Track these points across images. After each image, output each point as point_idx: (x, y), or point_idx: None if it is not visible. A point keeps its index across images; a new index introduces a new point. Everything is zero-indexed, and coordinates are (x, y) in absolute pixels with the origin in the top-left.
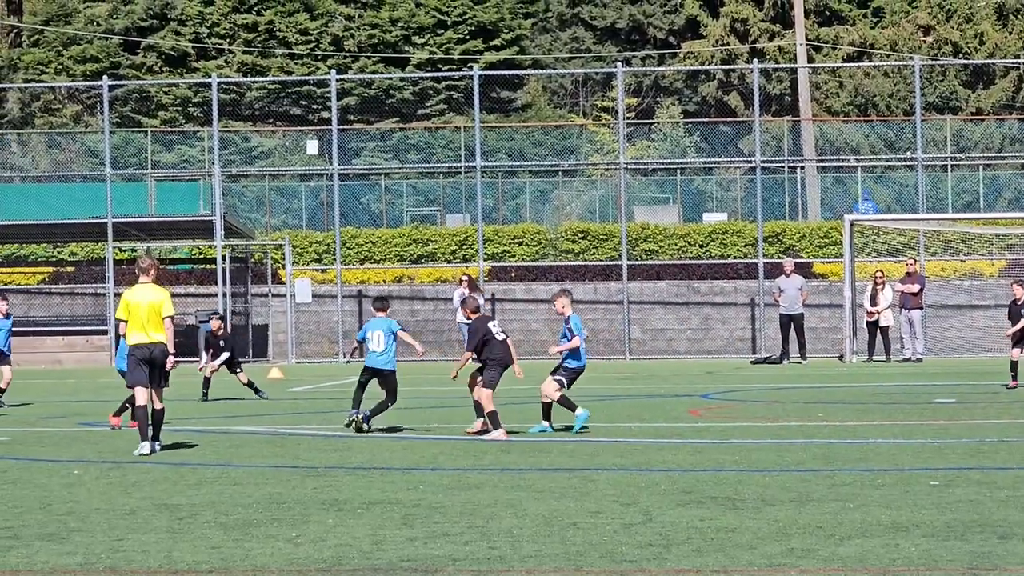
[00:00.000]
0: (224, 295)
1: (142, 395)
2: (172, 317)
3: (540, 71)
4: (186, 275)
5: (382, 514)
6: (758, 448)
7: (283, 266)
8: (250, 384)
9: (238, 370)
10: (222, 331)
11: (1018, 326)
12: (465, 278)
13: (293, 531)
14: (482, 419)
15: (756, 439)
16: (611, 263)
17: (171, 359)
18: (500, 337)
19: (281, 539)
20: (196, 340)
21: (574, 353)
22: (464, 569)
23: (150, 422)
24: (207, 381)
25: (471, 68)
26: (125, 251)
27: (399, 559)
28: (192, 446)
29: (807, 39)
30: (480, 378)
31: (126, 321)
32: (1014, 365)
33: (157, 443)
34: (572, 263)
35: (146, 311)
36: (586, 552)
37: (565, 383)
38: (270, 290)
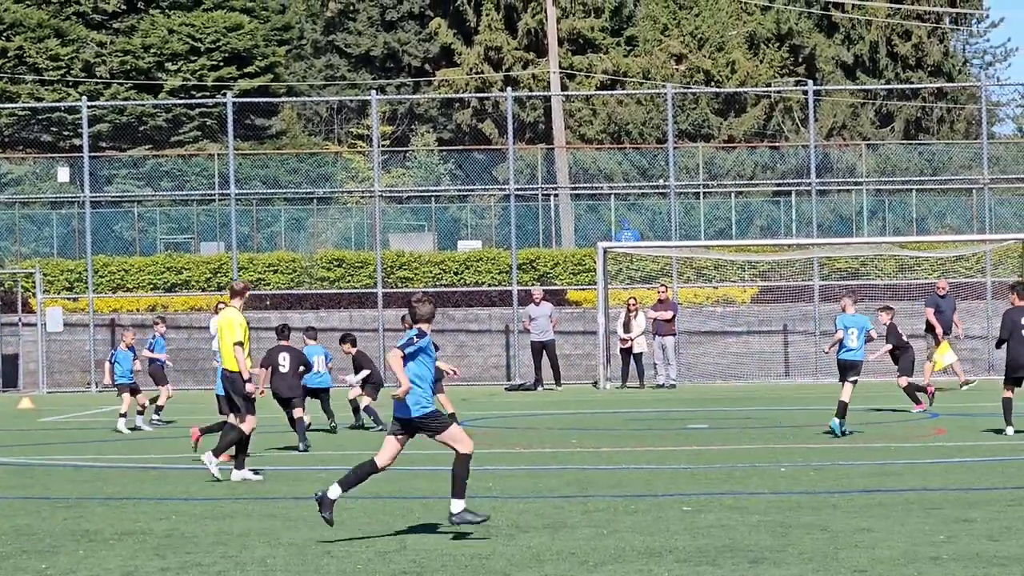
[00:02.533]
0: None
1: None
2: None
3: (295, 98)
4: None
5: (134, 545)
6: (512, 475)
7: (34, 295)
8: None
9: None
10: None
11: (881, 351)
12: (222, 306)
13: (43, 563)
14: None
15: (511, 466)
16: (367, 291)
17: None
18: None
19: (30, 571)
20: None
21: None
22: None
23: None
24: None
25: (225, 95)
26: None
27: None
28: None
29: (561, 67)
30: None
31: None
32: (909, 389)
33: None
34: (327, 291)
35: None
36: None
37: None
38: (20, 319)
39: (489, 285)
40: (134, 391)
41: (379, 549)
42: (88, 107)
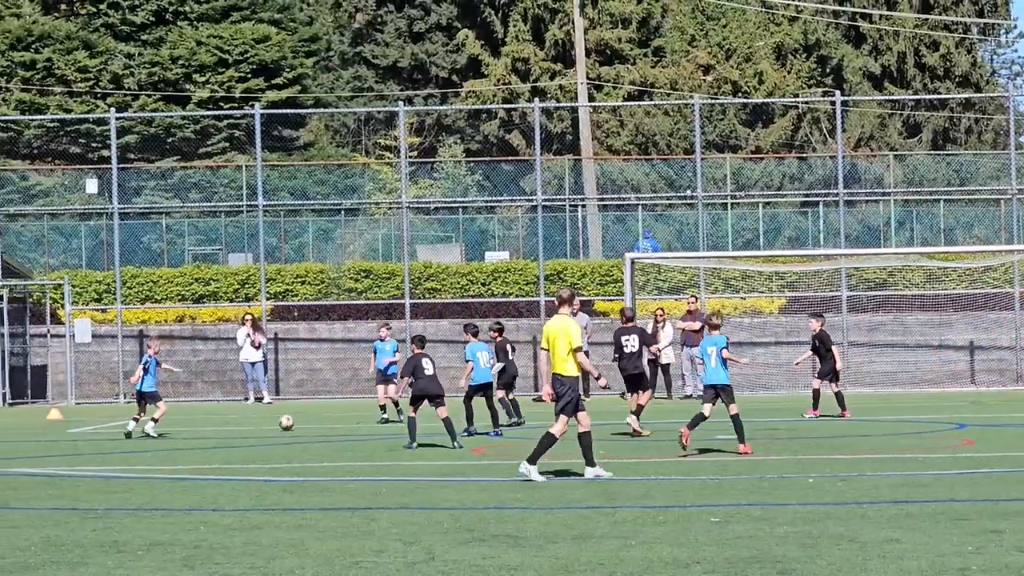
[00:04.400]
0: (1, 335)
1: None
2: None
3: (322, 110)
4: None
5: (163, 555)
6: (540, 486)
7: (62, 306)
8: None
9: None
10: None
11: (803, 356)
12: (248, 317)
13: (72, 574)
14: None
15: (538, 476)
16: (394, 302)
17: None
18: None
19: None
20: None
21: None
22: None
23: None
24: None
25: (252, 106)
26: None
27: None
28: None
29: (588, 78)
30: None
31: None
32: (816, 394)
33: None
34: (355, 302)
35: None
36: None
37: None
38: (49, 330)
39: (517, 296)
40: (151, 399)
41: (408, 560)
42: (116, 119)
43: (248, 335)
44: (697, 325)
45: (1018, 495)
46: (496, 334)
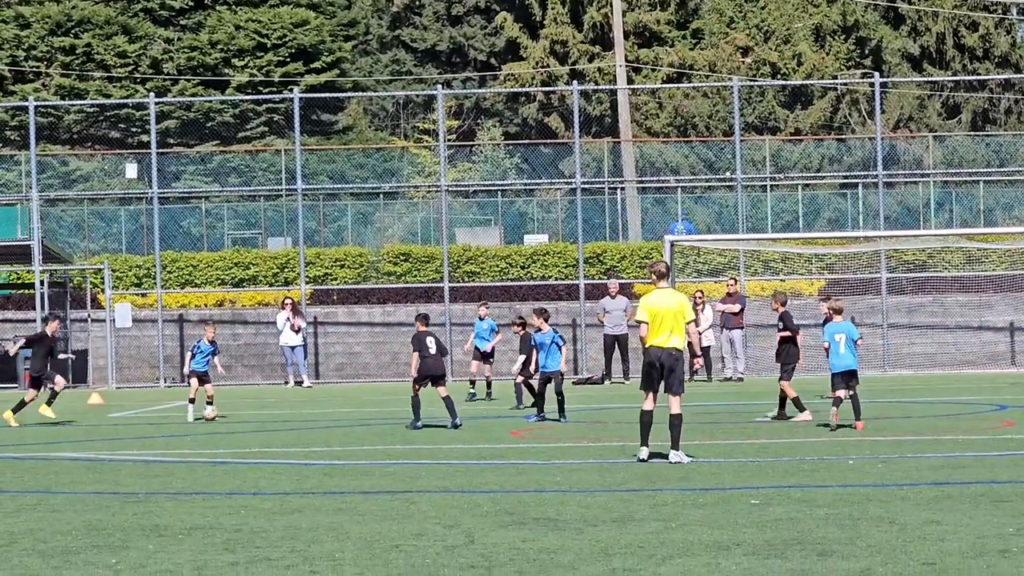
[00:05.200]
0: (54, 319)
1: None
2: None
3: (361, 93)
4: (3, 300)
5: (203, 539)
6: (580, 468)
7: (103, 291)
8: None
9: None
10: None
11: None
12: (288, 301)
13: (113, 558)
14: None
15: (578, 459)
16: (433, 285)
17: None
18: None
19: (101, 566)
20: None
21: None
22: None
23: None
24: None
25: (291, 90)
26: None
27: None
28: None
29: (627, 60)
30: None
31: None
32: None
33: (677, 453)
34: (394, 285)
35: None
36: (408, 575)
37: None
38: (90, 315)
39: (556, 279)
40: (202, 380)
41: (447, 543)
42: (156, 103)
43: (288, 319)
44: (737, 307)
45: None
46: (519, 328)
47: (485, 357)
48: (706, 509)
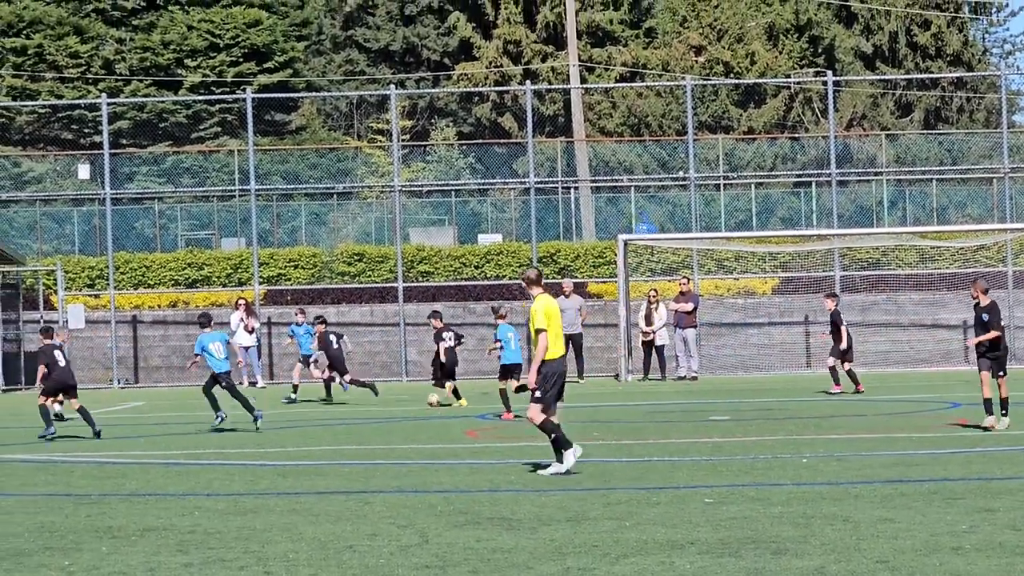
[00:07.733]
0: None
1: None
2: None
3: (314, 93)
4: None
5: (157, 541)
6: (527, 468)
7: (55, 292)
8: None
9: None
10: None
11: (843, 341)
12: (242, 302)
13: (66, 560)
14: None
15: (533, 459)
16: (387, 285)
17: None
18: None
19: (54, 568)
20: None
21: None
22: None
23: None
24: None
25: (244, 91)
26: None
27: None
28: None
29: (580, 60)
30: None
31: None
32: (832, 371)
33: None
34: (348, 285)
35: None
36: (363, 575)
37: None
38: (42, 316)
39: (510, 278)
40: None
41: (401, 543)
42: (108, 104)
43: (241, 319)
44: (690, 306)
45: (1011, 473)
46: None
47: (307, 361)
48: (660, 508)
